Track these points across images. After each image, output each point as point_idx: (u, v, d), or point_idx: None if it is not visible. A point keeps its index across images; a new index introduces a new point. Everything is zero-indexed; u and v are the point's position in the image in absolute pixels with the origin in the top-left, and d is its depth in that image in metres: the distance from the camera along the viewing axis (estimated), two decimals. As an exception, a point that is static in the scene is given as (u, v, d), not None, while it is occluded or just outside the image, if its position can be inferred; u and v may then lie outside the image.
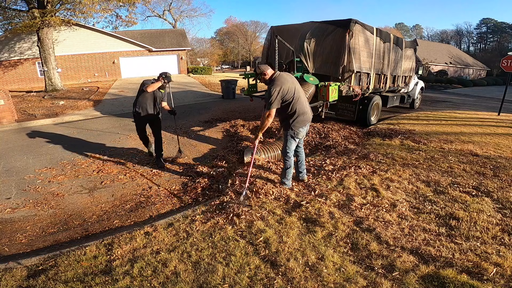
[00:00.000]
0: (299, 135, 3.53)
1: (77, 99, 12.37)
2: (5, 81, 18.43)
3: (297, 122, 3.45)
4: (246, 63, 54.39)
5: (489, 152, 5.20)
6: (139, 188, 4.28)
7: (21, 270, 2.40)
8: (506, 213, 3.06)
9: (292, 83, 3.41)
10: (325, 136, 6.40)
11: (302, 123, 3.49)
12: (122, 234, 2.84)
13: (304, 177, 3.96)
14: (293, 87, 3.38)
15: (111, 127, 8.00)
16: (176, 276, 2.24)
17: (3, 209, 3.72)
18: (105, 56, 21.21)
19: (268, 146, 4.92)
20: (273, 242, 2.63)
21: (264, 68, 3.46)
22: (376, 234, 2.72)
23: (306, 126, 3.59)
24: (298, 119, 3.44)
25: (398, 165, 4.51)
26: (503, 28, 58.03)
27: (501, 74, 33.89)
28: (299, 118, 3.44)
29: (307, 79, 6.27)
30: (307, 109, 3.54)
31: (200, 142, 6.46)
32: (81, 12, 13.73)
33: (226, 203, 3.34)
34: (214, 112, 9.79)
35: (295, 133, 3.49)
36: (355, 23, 6.37)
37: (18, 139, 7.01)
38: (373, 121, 7.95)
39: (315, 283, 2.15)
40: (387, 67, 8.05)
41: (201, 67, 28.08)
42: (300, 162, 3.93)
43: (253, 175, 3.90)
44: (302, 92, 3.55)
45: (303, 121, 3.48)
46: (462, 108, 11.76)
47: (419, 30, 71.12)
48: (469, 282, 2.09)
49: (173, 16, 41.04)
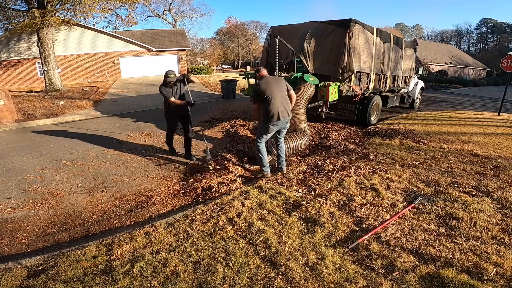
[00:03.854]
0: (268, 130, 4.11)
1: (77, 99, 12.37)
2: (5, 81, 18.43)
3: (268, 119, 4.04)
4: (246, 63, 54.42)
5: (489, 152, 5.20)
6: (139, 188, 4.29)
7: (21, 270, 2.40)
8: (506, 213, 3.05)
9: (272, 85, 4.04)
10: (325, 136, 6.40)
11: (272, 122, 4.04)
12: (122, 234, 2.84)
13: (282, 168, 4.40)
14: (270, 89, 4.00)
15: (111, 127, 8.00)
16: (176, 276, 2.24)
17: (3, 209, 3.72)
18: (105, 56, 21.20)
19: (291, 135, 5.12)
20: (273, 242, 2.63)
21: (261, 68, 4.34)
22: (376, 234, 2.72)
23: (277, 125, 4.11)
24: (269, 117, 4.02)
25: (398, 165, 4.51)
26: (503, 28, 58.01)
27: (501, 74, 33.87)
28: (270, 117, 4.01)
29: (307, 79, 6.27)
30: (279, 111, 4.02)
31: (200, 142, 6.46)
32: (81, 12, 13.73)
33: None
34: (214, 112, 9.78)
35: (265, 127, 4.10)
36: (355, 23, 6.37)
37: (18, 139, 7.01)
38: (373, 121, 7.95)
39: (315, 283, 2.15)
40: (387, 67, 8.05)
41: (201, 67, 28.13)
42: (279, 154, 4.42)
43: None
44: (280, 96, 4.06)
45: (273, 120, 4.02)
46: (462, 108, 11.76)
47: (419, 30, 71.09)
48: (469, 282, 2.09)
49: (173, 16, 41.09)
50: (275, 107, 3.99)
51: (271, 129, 4.11)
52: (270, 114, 4.01)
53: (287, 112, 4.13)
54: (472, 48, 64.77)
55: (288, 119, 4.20)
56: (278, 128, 4.17)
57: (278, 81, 4.19)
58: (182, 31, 27.67)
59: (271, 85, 4.05)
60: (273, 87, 4.05)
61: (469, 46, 65.23)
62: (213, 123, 8.11)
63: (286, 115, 4.13)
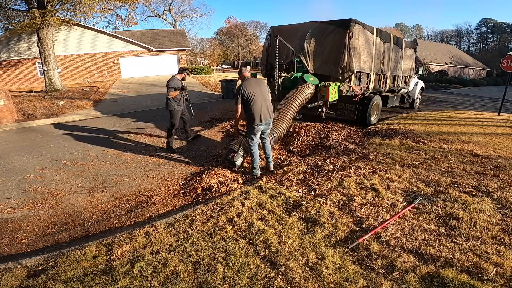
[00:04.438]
0: (254, 130, 4.24)
1: (77, 99, 12.37)
2: (5, 81, 18.44)
3: (252, 121, 4.19)
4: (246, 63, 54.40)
5: (489, 152, 5.20)
6: (139, 188, 4.29)
7: (21, 270, 2.40)
8: (506, 213, 3.05)
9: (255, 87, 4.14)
10: (325, 136, 6.40)
11: (255, 123, 4.18)
12: (122, 234, 2.84)
13: (270, 167, 4.58)
14: (254, 91, 4.11)
15: (111, 127, 8.00)
16: (176, 276, 2.24)
17: (3, 209, 3.72)
18: (105, 56, 21.21)
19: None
20: (273, 242, 2.63)
21: (243, 69, 4.46)
22: (376, 234, 2.72)
23: (261, 126, 4.25)
24: (252, 119, 4.16)
25: (398, 165, 4.51)
26: (503, 28, 57.99)
27: (501, 74, 33.86)
28: (253, 119, 4.15)
29: (307, 79, 6.27)
30: (262, 113, 4.17)
31: (200, 142, 6.46)
32: (81, 12, 13.73)
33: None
34: (214, 112, 9.79)
35: (251, 129, 4.25)
36: (355, 23, 6.36)
37: (18, 139, 7.01)
38: (373, 121, 7.94)
39: (315, 283, 2.15)
40: (387, 67, 8.05)
41: (201, 67, 28.10)
42: (266, 152, 4.62)
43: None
44: (262, 98, 4.18)
45: (256, 122, 4.17)
46: (462, 108, 11.75)
47: (419, 30, 71.06)
48: (469, 282, 2.09)
49: (173, 16, 41.08)
50: (257, 109, 4.13)
51: (256, 129, 4.26)
52: (253, 117, 4.15)
53: (269, 114, 4.30)
54: (472, 48, 64.78)
55: (270, 120, 4.38)
56: (262, 128, 4.34)
57: (261, 83, 4.31)
58: (182, 31, 27.68)
59: (253, 87, 4.15)
60: (255, 89, 4.16)
61: (469, 46, 65.26)
62: (213, 123, 8.11)
63: (268, 117, 4.30)
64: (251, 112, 4.14)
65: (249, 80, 4.23)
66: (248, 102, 4.12)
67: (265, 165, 4.72)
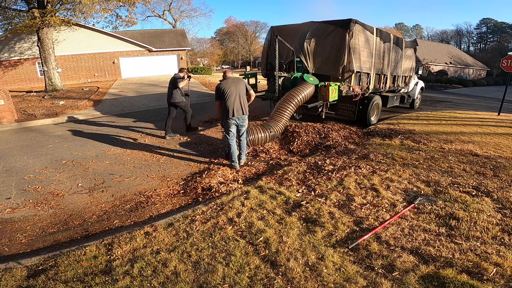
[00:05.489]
0: (228, 125, 4.58)
1: (77, 99, 12.37)
2: (5, 81, 18.42)
3: (225, 115, 4.54)
4: (246, 63, 54.44)
5: (489, 152, 5.20)
6: (139, 188, 4.28)
7: (21, 270, 2.40)
8: (506, 213, 3.05)
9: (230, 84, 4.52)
10: (325, 136, 6.39)
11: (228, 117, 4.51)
12: (122, 234, 2.84)
13: (241, 162, 4.86)
14: (228, 88, 4.49)
15: (111, 127, 8.00)
16: (176, 276, 2.24)
17: (3, 209, 3.72)
18: (105, 56, 21.19)
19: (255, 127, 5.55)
20: (273, 242, 2.63)
21: (226, 71, 4.86)
22: (376, 234, 2.72)
23: (233, 120, 4.54)
24: (226, 113, 4.52)
25: (398, 165, 4.51)
26: (503, 28, 58.02)
27: (501, 74, 33.90)
28: (226, 112, 4.51)
29: (307, 79, 6.27)
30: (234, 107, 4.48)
31: (200, 142, 6.46)
32: (81, 12, 13.72)
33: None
34: (214, 112, 9.77)
35: (225, 122, 4.62)
36: (355, 23, 6.36)
37: (18, 139, 7.01)
38: (373, 121, 7.94)
39: (315, 283, 2.15)
40: (387, 67, 8.04)
41: (201, 67, 28.10)
42: (240, 148, 4.89)
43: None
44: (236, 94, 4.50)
45: (229, 116, 4.49)
46: (462, 108, 11.75)
47: (419, 30, 71.09)
48: (469, 282, 2.09)
49: (173, 16, 41.07)
50: (230, 104, 4.47)
51: (229, 123, 4.58)
52: (226, 110, 4.51)
53: (242, 109, 4.58)
54: (472, 48, 64.81)
55: (243, 116, 4.64)
56: (235, 123, 4.62)
57: (238, 82, 4.66)
58: (182, 31, 27.66)
59: (229, 85, 4.53)
60: (231, 86, 4.52)
61: (469, 46, 65.30)
62: (213, 123, 8.11)
63: (241, 113, 4.58)
64: (225, 106, 4.50)
65: (228, 79, 4.63)
66: (223, 97, 4.49)
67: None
